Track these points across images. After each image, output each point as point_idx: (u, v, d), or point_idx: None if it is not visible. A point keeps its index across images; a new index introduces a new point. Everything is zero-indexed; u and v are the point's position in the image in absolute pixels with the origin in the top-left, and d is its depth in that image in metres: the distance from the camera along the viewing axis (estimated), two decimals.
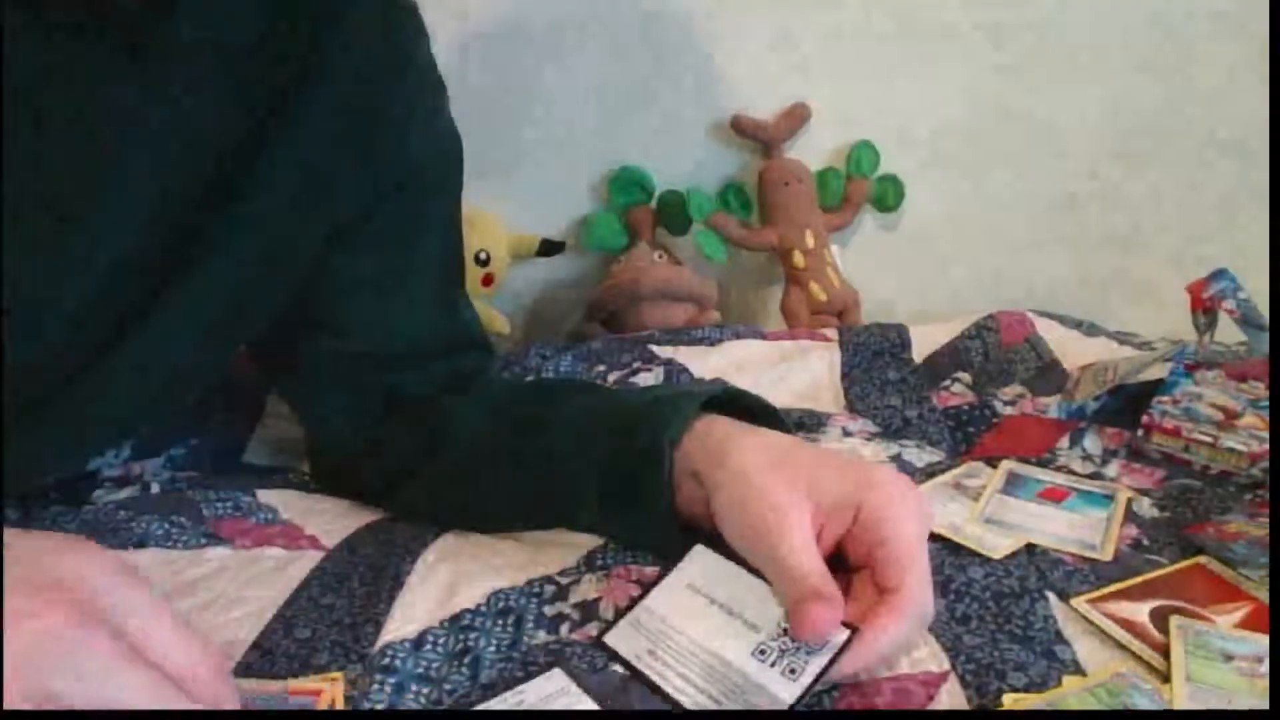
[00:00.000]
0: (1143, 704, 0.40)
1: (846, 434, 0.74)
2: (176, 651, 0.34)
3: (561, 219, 1.21)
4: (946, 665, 0.43)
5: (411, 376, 0.62)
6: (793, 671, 0.40)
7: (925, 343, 0.89)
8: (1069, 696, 0.41)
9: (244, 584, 0.51)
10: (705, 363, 0.87)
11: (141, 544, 0.54)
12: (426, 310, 0.64)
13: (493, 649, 0.45)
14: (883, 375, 0.85)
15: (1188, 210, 1.19)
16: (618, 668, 0.43)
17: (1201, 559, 0.53)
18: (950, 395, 0.80)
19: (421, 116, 0.61)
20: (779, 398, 0.83)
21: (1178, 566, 0.52)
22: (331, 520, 0.60)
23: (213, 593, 0.50)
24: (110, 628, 0.33)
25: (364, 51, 0.56)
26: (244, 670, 0.44)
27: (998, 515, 0.57)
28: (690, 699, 0.40)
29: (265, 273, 0.56)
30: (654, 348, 0.90)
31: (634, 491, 0.50)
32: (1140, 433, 0.68)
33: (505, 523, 0.57)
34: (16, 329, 0.47)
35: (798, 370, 0.87)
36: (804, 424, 0.76)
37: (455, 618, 0.47)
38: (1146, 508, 0.60)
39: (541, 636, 0.46)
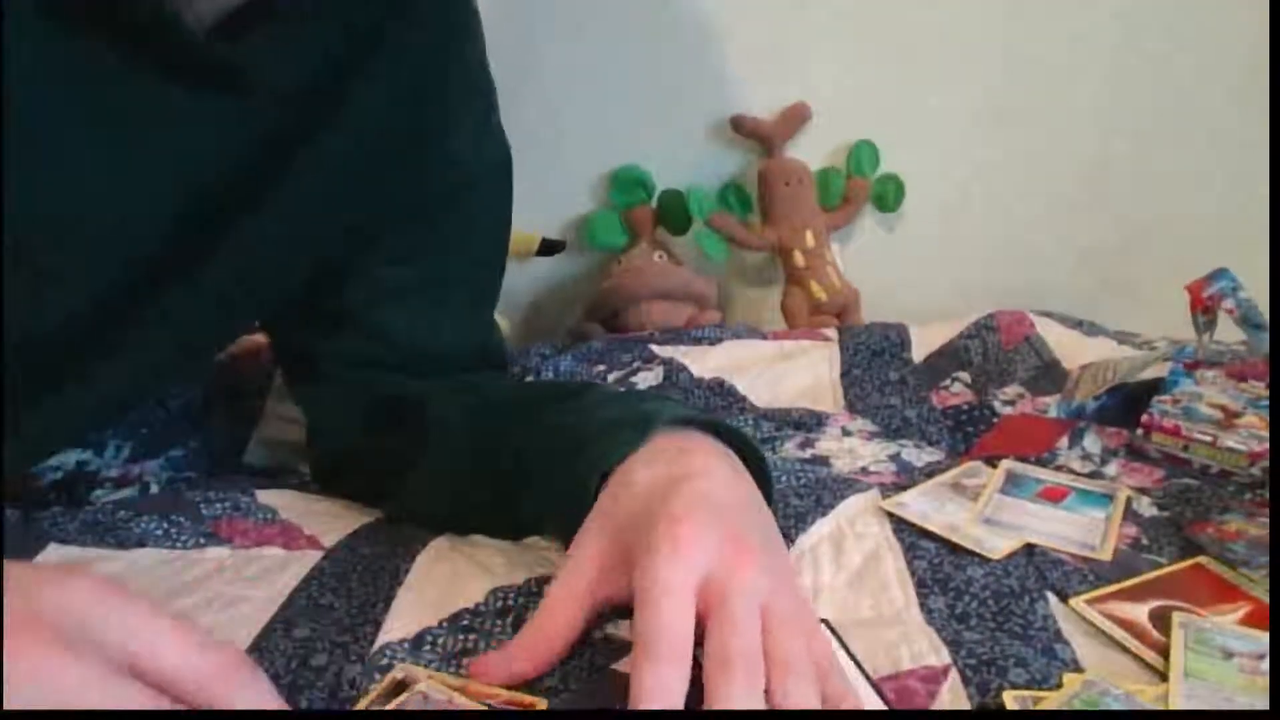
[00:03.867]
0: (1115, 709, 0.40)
1: (846, 433, 0.74)
2: (172, 660, 0.33)
3: (561, 219, 1.21)
4: (947, 659, 0.43)
5: (423, 383, 0.63)
6: None
7: (925, 343, 0.89)
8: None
9: (243, 584, 0.51)
10: (705, 362, 0.87)
11: (140, 543, 0.54)
12: (458, 324, 0.65)
13: (492, 648, 0.45)
14: (882, 375, 0.85)
15: (1188, 210, 1.19)
16: (618, 667, 0.43)
17: (1201, 559, 0.53)
18: (950, 395, 0.80)
19: (472, 121, 0.61)
20: (779, 397, 0.83)
21: (1177, 566, 0.52)
22: (330, 520, 0.60)
23: (211, 592, 0.50)
24: (97, 652, 0.32)
25: (419, 50, 0.56)
26: None
27: (997, 515, 0.57)
28: None
29: (285, 261, 0.56)
30: (654, 348, 0.90)
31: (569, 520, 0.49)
32: (1140, 432, 0.68)
33: (476, 532, 0.56)
34: (23, 304, 0.47)
35: (798, 370, 0.87)
36: (804, 423, 0.76)
37: (454, 617, 0.47)
38: (1146, 507, 0.60)
39: None
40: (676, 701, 0.35)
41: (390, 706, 0.39)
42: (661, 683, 0.36)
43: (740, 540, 0.41)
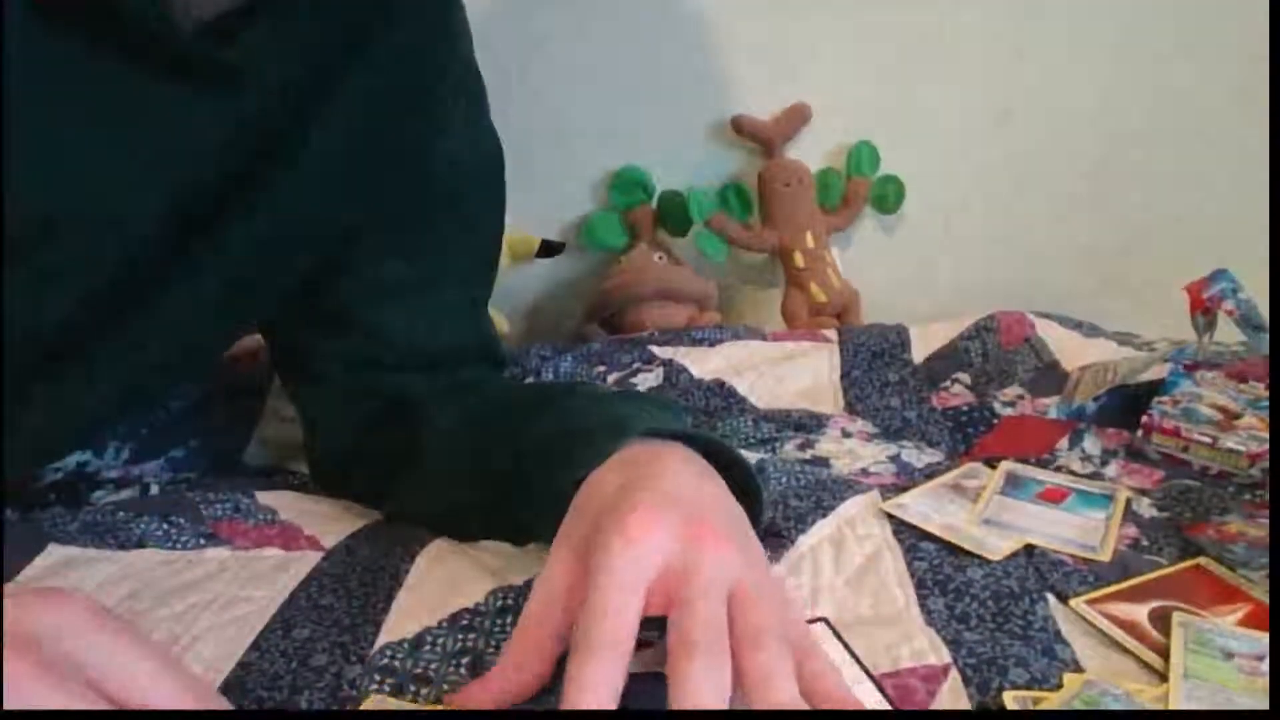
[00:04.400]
0: (1115, 709, 0.40)
1: (846, 435, 0.74)
2: (150, 700, 0.34)
3: (561, 219, 1.21)
4: (948, 658, 0.43)
5: (420, 382, 0.63)
6: None
7: (925, 343, 0.89)
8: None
9: (243, 584, 0.51)
10: (705, 364, 0.88)
11: (140, 544, 0.54)
12: (453, 319, 0.65)
13: (492, 649, 0.45)
14: (882, 376, 0.85)
15: (1188, 210, 1.19)
16: None
17: (1201, 560, 0.53)
18: (950, 396, 0.80)
19: (461, 118, 0.61)
20: (779, 398, 0.83)
21: (1177, 567, 0.52)
22: (330, 521, 0.60)
23: (211, 593, 0.50)
24: (78, 678, 0.32)
25: (409, 48, 0.56)
26: (242, 670, 0.44)
27: (997, 516, 0.57)
28: None
29: (282, 260, 0.56)
30: (654, 348, 0.90)
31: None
32: (1140, 433, 0.68)
33: (471, 535, 0.56)
34: (21, 303, 0.47)
35: (797, 371, 0.87)
36: (804, 425, 0.76)
37: (454, 617, 0.47)
38: (1146, 508, 0.60)
39: None
40: (606, 694, 0.35)
41: None
42: (592, 674, 0.35)
43: (700, 524, 0.40)
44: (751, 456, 0.66)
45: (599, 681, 0.35)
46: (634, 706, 0.38)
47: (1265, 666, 0.42)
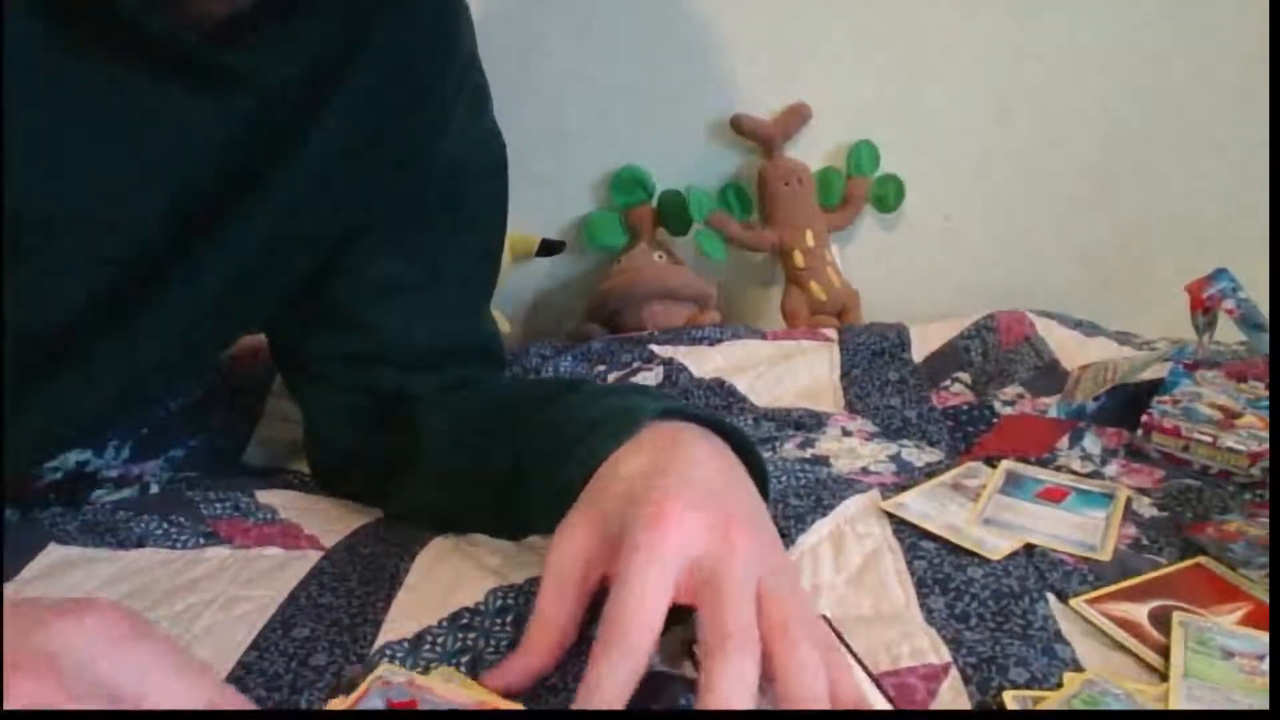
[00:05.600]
0: (1115, 709, 0.40)
1: (846, 434, 0.74)
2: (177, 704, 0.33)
3: (561, 219, 1.21)
4: (948, 657, 0.43)
5: (420, 381, 0.63)
6: None
7: (925, 343, 0.90)
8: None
9: (243, 583, 0.51)
10: (705, 363, 0.88)
11: (140, 544, 0.54)
12: (453, 319, 0.65)
13: (492, 648, 0.45)
14: (882, 375, 0.85)
15: (1188, 210, 1.19)
16: None
17: (1201, 559, 0.53)
18: (950, 395, 0.80)
19: (462, 118, 0.61)
20: (779, 398, 0.83)
21: (1177, 566, 0.52)
22: (330, 520, 0.60)
23: (211, 592, 0.50)
24: (101, 695, 0.31)
25: (410, 48, 0.56)
26: (242, 670, 0.44)
27: (997, 515, 0.57)
28: None
29: (282, 259, 0.56)
30: (654, 348, 0.90)
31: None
32: (1140, 432, 0.68)
33: (471, 530, 0.56)
34: (22, 302, 0.48)
35: (798, 370, 0.87)
36: (804, 424, 0.76)
37: (454, 617, 0.47)
38: (1146, 507, 0.60)
39: None
40: (621, 693, 0.36)
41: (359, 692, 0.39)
42: (610, 673, 0.36)
43: (730, 519, 0.41)
44: None
45: (617, 680, 0.36)
46: (638, 705, 0.38)
47: (1265, 666, 0.42)
